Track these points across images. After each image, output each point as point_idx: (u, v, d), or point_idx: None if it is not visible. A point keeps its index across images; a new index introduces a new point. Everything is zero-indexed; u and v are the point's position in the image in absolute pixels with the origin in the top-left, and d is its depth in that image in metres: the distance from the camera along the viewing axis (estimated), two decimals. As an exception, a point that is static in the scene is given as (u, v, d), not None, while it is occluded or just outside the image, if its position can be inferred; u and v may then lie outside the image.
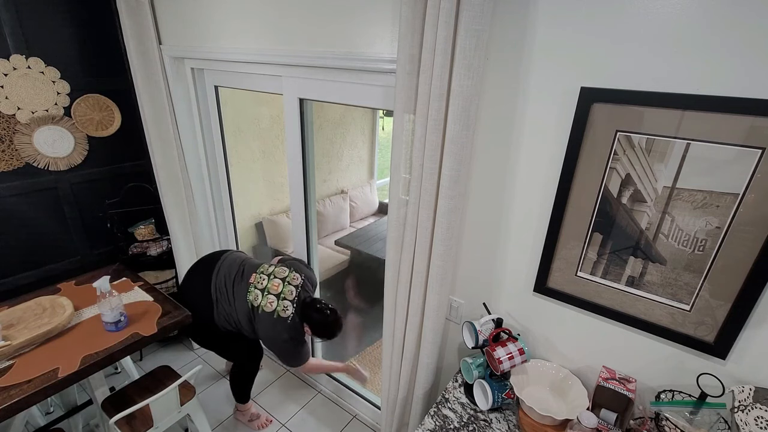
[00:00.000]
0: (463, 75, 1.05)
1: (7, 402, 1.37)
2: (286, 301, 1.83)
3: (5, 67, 1.92)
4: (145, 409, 1.58)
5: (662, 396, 1.11)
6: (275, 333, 1.81)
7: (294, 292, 1.86)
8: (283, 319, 1.81)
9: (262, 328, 1.83)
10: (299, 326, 1.86)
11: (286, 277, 1.89)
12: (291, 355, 1.90)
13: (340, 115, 3.83)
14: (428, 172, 1.20)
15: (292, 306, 1.83)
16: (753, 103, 0.83)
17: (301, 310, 1.86)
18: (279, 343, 1.84)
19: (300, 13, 1.50)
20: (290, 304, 1.83)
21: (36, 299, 1.80)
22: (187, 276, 2.03)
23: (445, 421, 1.24)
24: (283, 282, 1.87)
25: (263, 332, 1.83)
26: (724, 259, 0.96)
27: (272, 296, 1.83)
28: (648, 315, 1.10)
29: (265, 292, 1.84)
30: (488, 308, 1.39)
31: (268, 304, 1.82)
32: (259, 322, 1.83)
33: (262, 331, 1.83)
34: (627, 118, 0.98)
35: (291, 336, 1.83)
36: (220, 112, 2.29)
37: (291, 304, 1.83)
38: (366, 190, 4.28)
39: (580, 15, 0.97)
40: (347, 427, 2.24)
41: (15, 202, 2.11)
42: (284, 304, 1.82)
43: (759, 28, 0.80)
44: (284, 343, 1.84)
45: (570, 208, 1.13)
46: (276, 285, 1.85)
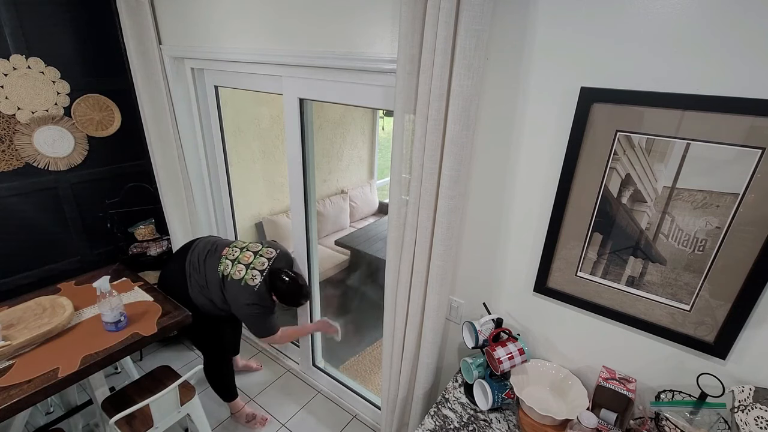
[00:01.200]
0: (463, 75, 1.05)
1: (7, 402, 1.37)
2: (254, 271, 1.85)
3: (5, 67, 1.93)
4: (145, 409, 1.58)
5: (662, 396, 1.11)
6: (242, 296, 1.83)
7: (266, 263, 1.88)
8: (250, 287, 1.83)
9: (230, 296, 1.85)
10: (266, 295, 1.87)
11: (259, 250, 1.92)
12: (260, 324, 1.90)
13: (340, 115, 3.83)
14: (428, 172, 1.20)
15: (260, 275, 1.85)
16: (753, 103, 0.83)
17: (269, 280, 1.88)
18: (246, 309, 1.85)
19: (300, 13, 1.50)
20: (259, 274, 1.85)
21: (36, 299, 1.80)
22: (165, 263, 2.08)
23: (445, 421, 1.24)
24: (255, 255, 1.90)
25: (231, 297, 1.85)
26: (724, 259, 0.96)
27: (241, 265, 1.86)
28: (648, 315, 1.10)
29: (235, 262, 1.87)
30: (488, 308, 1.39)
31: (236, 272, 1.84)
32: (227, 290, 1.85)
33: (230, 296, 1.85)
34: (627, 118, 0.98)
35: (258, 303, 1.84)
36: (220, 112, 2.29)
37: (260, 274, 1.85)
38: (366, 190, 4.28)
39: (580, 15, 0.97)
40: (347, 427, 2.24)
41: (15, 202, 2.11)
42: (253, 273, 1.85)
43: (759, 28, 0.80)
44: (250, 308, 1.85)
45: (570, 208, 1.13)
46: (247, 256, 1.89)
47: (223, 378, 2.16)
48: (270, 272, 1.88)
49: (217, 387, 2.17)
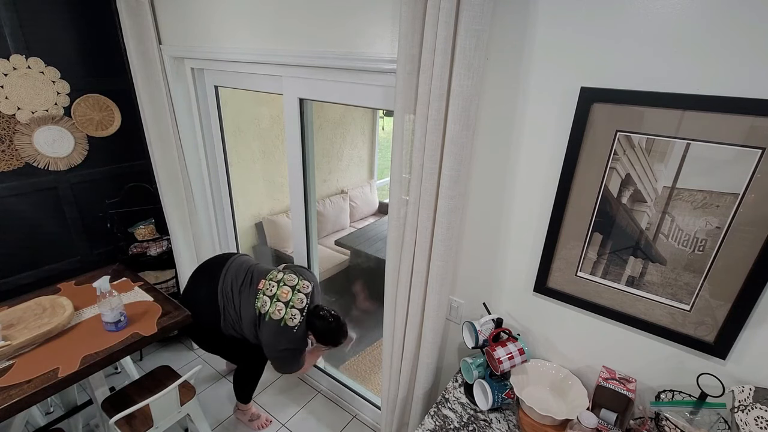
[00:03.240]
0: (463, 75, 1.05)
1: (7, 402, 1.37)
2: (294, 310, 1.79)
3: (5, 67, 1.92)
4: (145, 409, 1.58)
5: (662, 396, 1.11)
6: (278, 341, 1.79)
7: (304, 300, 1.83)
8: (290, 328, 1.78)
9: (266, 334, 1.79)
10: (303, 336, 1.84)
11: (296, 285, 1.85)
12: (289, 363, 1.86)
13: (340, 115, 3.83)
14: (428, 172, 1.20)
15: (300, 315, 1.80)
16: (753, 103, 0.83)
17: (308, 319, 1.84)
18: (280, 351, 1.81)
19: (300, 13, 1.50)
20: (299, 313, 1.79)
21: (36, 299, 1.80)
22: (191, 281, 1.98)
23: (445, 421, 1.24)
24: (292, 290, 1.83)
25: (266, 339, 1.80)
26: (724, 259, 0.96)
27: (281, 303, 1.79)
28: (648, 315, 1.10)
29: (274, 299, 1.80)
30: (488, 308, 1.39)
31: (276, 312, 1.78)
32: (264, 328, 1.80)
33: (265, 337, 1.80)
34: (627, 118, 0.98)
35: (295, 345, 1.81)
36: (220, 112, 2.29)
37: (300, 313, 1.79)
38: (366, 190, 4.28)
39: (580, 15, 0.97)
40: (347, 427, 2.24)
41: (15, 202, 2.11)
42: (292, 312, 1.79)
43: (759, 28, 0.80)
44: (285, 351, 1.81)
45: (570, 208, 1.13)
46: (285, 292, 1.82)
47: (252, 385, 2.16)
48: (309, 312, 1.84)
49: (240, 390, 2.16)
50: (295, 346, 1.82)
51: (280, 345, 1.79)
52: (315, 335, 1.86)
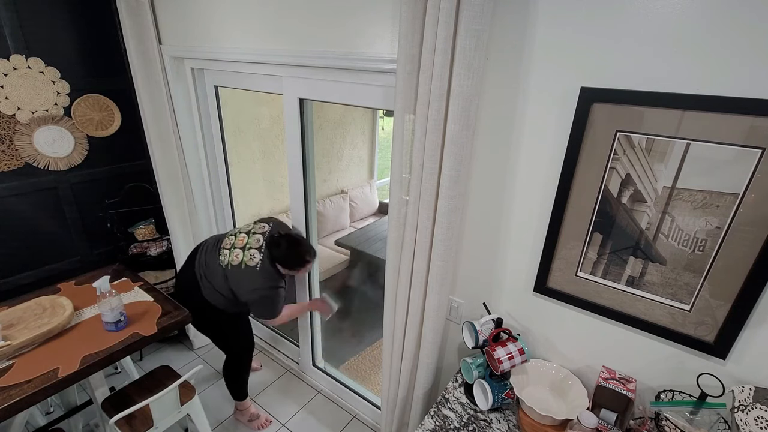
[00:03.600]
0: (463, 75, 1.05)
1: (7, 402, 1.37)
2: (252, 250, 1.79)
3: (5, 67, 1.92)
4: (145, 409, 1.58)
5: (662, 396, 1.11)
6: (244, 284, 1.77)
7: (260, 240, 1.82)
8: (251, 268, 1.76)
9: (233, 282, 1.79)
10: (270, 270, 1.79)
11: (251, 229, 1.87)
12: (267, 306, 1.83)
13: (340, 115, 3.83)
14: (428, 172, 1.20)
15: (259, 253, 1.78)
16: (753, 103, 0.83)
17: (269, 254, 1.81)
18: (252, 295, 1.78)
19: (300, 13, 1.50)
20: (257, 252, 1.78)
21: (36, 299, 1.80)
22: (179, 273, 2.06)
23: (445, 421, 1.24)
24: (248, 234, 1.85)
25: (235, 286, 1.79)
26: (724, 259, 0.96)
27: (238, 250, 1.80)
28: (648, 315, 1.10)
29: (232, 249, 1.82)
30: (488, 308, 1.39)
31: (235, 258, 1.79)
32: (230, 279, 1.80)
33: (234, 285, 1.79)
34: (627, 118, 0.98)
35: (262, 286, 1.77)
36: (220, 112, 2.29)
37: (258, 252, 1.78)
38: (366, 190, 4.28)
39: (580, 15, 0.97)
40: (347, 427, 2.24)
41: (15, 202, 2.11)
42: (250, 253, 1.78)
43: (759, 28, 0.80)
44: (256, 293, 1.77)
45: (570, 208, 1.13)
46: (241, 239, 1.84)
47: (241, 377, 2.15)
48: (267, 245, 1.81)
49: (232, 385, 2.16)
50: (265, 283, 1.78)
51: (247, 287, 1.77)
52: (281, 264, 1.81)
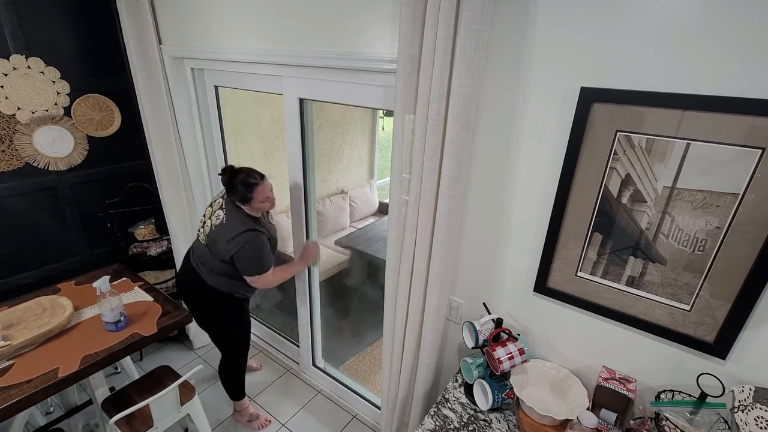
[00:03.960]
0: (463, 75, 1.05)
1: (7, 402, 1.37)
2: (216, 212, 1.79)
3: (5, 67, 1.92)
4: (145, 409, 1.58)
5: (662, 396, 1.11)
6: (221, 241, 1.73)
7: (221, 201, 1.81)
8: (219, 225, 1.75)
9: (214, 248, 1.76)
10: (237, 216, 1.75)
11: (212, 202, 1.87)
12: (249, 255, 1.74)
13: (340, 115, 3.83)
14: (428, 172, 1.20)
15: (222, 211, 1.77)
16: (753, 103, 0.83)
17: (230, 206, 1.77)
18: (228, 245, 1.71)
19: (300, 13, 1.50)
20: (220, 211, 1.78)
21: (36, 299, 1.80)
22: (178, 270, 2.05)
23: (445, 421, 1.24)
24: (211, 207, 1.85)
25: (217, 250, 1.75)
26: (724, 259, 0.96)
27: (206, 221, 1.82)
28: (648, 315, 1.10)
29: (203, 225, 1.84)
30: (488, 308, 1.39)
31: (206, 229, 1.80)
32: (212, 247, 1.78)
33: (216, 250, 1.76)
34: (627, 118, 0.98)
35: (236, 235, 1.71)
36: (220, 112, 2.29)
37: (221, 210, 1.78)
38: (366, 190, 4.28)
39: (580, 15, 0.97)
40: (347, 427, 2.24)
41: (15, 202, 2.11)
42: (216, 215, 1.78)
43: (759, 28, 0.80)
44: (232, 243, 1.71)
45: (570, 208, 1.13)
46: (207, 213, 1.85)
47: (237, 376, 2.15)
48: (226, 202, 1.79)
49: (229, 385, 2.16)
50: (236, 231, 1.71)
51: (223, 242, 1.72)
52: (241, 203, 1.76)
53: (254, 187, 1.73)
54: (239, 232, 1.72)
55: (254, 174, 1.76)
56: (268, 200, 1.79)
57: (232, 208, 1.78)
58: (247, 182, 1.72)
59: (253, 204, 1.76)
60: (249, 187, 1.72)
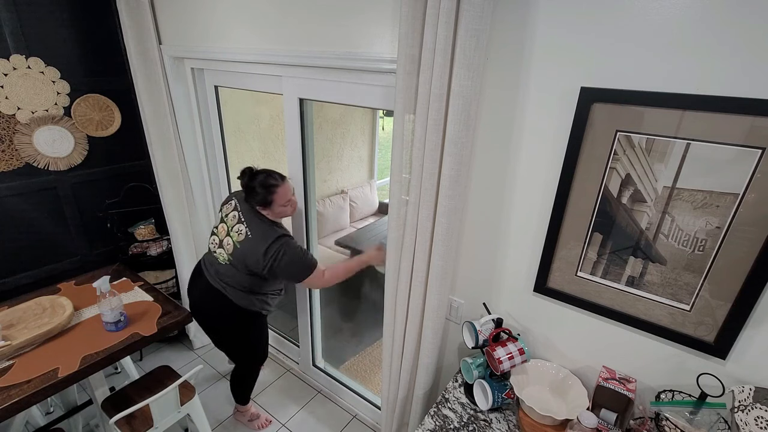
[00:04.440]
0: (463, 75, 1.05)
1: (7, 402, 1.37)
2: (236, 227, 1.68)
3: (5, 67, 1.92)
4: (145, 409, 1.58)
5: (662, 396, 1.11)
6: (254, 254, 1.62)
7: (235, 214, 1.72)
8: (245, 240, 1.64)
9: (243, 266, 1.66)
10: (261, 225, 1.66)
11: (221, 217, 1.77)
12: (290, 262, 1.63)
13: (340, 115, 3.83)
14: (428, 172, 1.20)
15: (242, 225, 1.67)
16: (753, 103, 0.83)
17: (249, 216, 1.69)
18: (264, 258, 1.61)
19: (300, 13, 1.50)
20: (240, 225, 1.67)
21: (36, 299, 1.80)
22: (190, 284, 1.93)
23: (445, 421, 1.24)
24: (224, 222, 1.74)
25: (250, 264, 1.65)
26: (724, 259, 0.96)
27: (225, 238, 1.70)
28: (648, 315, 1.10)
29: (221, 245, 1.73)
30: (488, 308, 1.39)
31: (228, 247, 1.69)
32: (240, 265, 1.67)
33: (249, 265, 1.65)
34: (627, 118, 0.98)
35: (266, 241, 1.61)
36: (220, 112, 2.29)
37: (241, 224, 1.68)
38: (366, 190, 4.28)
39: (580, 15, 0.97)
40: (347, 427, 2.24)
41: (15, 202, 2.11)
42: (236, 230, 1.66)
43: (759, 28, 0.80)
44: (268, 256, 1.61)
45: (570, 208, 1.13)
46: (222, 229, 1.73)
47: (249, 385, 2.13)
48: (242, 208, 1.70)
49: (237, 391, 2.14)
50: (267, 242, 1.61)
51: (257, 256, 1.62)
52: (261, 207, 1.68)
53: (275, 189, 1.65)
54: (270, 242, 1.62)
55: (274, 175, 1.69)
56: (290, 204, 1.71)
57: (253, 217, 1.69)
58: (267, 183, 1.64)
59: (275, 208, 1.67)
60: (269, 189, 1.64)
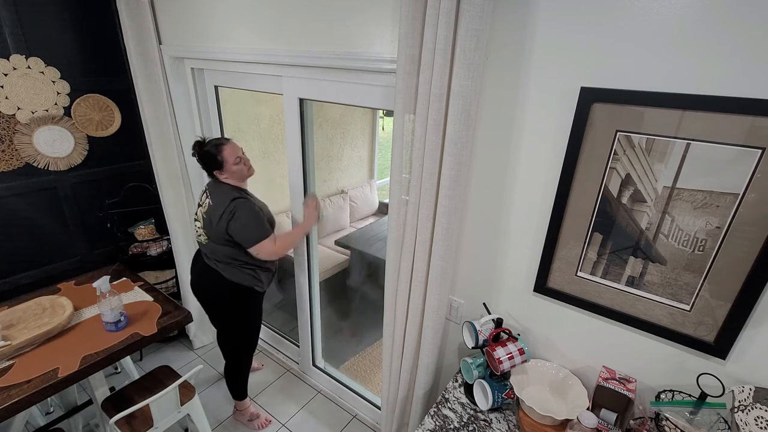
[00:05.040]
0: (463, 75, 1.05)
1: (7, 402, 1.37)
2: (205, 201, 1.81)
3: (5, 67, 1.92)
4: (145, 409, 1.58)
5: (662, 396, 1.11)
6: (215, 218, 1.74)
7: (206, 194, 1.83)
8: (208, 211, 1.77)
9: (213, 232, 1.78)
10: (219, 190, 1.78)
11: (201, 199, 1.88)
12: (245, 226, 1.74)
13: (340, 115, 3.83)
14: (428, 172, 1.20)
15: (208, 198, 1.80)
16: (753, 103, 0.83)
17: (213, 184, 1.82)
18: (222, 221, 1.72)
19: (300, 12, 1.50)
20: (207, 199, 1.80)
21: (36, 299, 1.80)
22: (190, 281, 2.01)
23: (445, 421, 1.24)
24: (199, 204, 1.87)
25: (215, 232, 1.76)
26: (724, 259, 0.96)
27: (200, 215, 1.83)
28: (648, 315, 1.10)
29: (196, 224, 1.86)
30: (488, 308, 1.39)
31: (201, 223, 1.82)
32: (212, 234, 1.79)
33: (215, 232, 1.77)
34: (627, 118, 0.98)
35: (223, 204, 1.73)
36: (220, 112, 2.29)
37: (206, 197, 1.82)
38: (366, 190, 4.28)
39: (580, 15, 0.97)
40: (347, 427, 2.24)
41: (15, 202, 2.11)
42: (205, 204, 1.80)
43: (759, 28, 0.80)
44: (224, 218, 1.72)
45: (570, 208, 1.13)
46: (198, 213, 1.86)
47: (242, 376, 2.14)
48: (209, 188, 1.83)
49: (232, 385, 2.16)
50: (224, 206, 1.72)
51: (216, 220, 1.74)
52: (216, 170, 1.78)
53: (221, 147, 1.76)
54: (226, 203, 1.73)
55: (219, 138, 1.81)
56: (242, 161, 1.80)
57: (215, 188, 1.80)
58: (214, 144, 1.76)
59: (228, 167, 1.76)
60: (216, 147, 1.75)
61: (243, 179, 1.86)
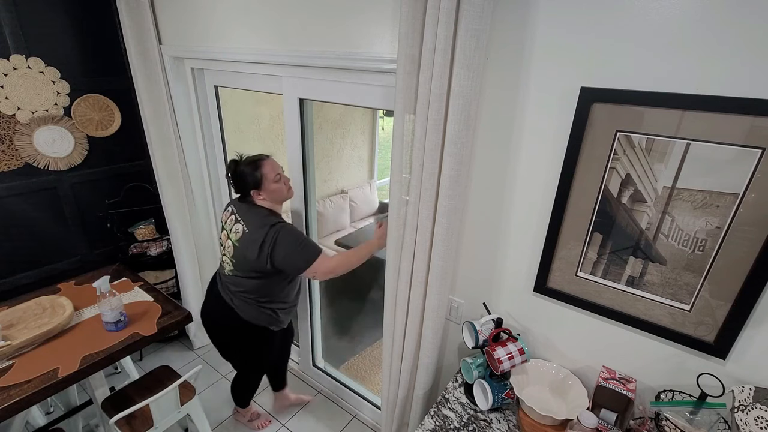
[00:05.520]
0: (463, 75, 1.05)
1: (7, 402, 1.37)
2: (234, 227, 1.64)
3: (5, 67, 1.92)
4: (145, 409, 1.58)
5: (662, 396, 1.11)
6: (251, 248, 1.56)
7: (233, 218, 1.67)
8: (243, 235, 1.59)
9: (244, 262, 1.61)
10: (255, 215, 1.62)
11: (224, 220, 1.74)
12: (290, 249, 1.56)
13: (340, 115, 3.83)
14: (428, 172, 1.20)
15: (239, 224, 1.63)
16: (753, 103, 0.83)
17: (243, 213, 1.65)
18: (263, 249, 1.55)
19: (300, 12, 1.50)
20: (237, 224, 1.64)
21: (36, 299, 1.80)
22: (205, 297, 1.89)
23: (445, 421, 1.24)
24: (224, 228, 1.72)
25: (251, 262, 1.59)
26: (724, 259, 0.96)
27: (228, 242, 1.68)
28: (648, 315, 1.10)
29: (225, 251, 1.70)
30: (488, 308, 1.39)
31: (229, 251, 1.66)
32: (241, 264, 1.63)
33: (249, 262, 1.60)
34: (627, 118, 0.98)
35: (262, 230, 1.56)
36: (220, 112, 2.29)
37: (238, 223, 1.64)
38: (366, 190, 4.28)
39: (580, 15, 0.97)
40: (347, 427, 2.24)
41: (15, 202, 2.11)
42: (234, 230, 1.63)
43: (759, 28, 0.80)
44: (265, 246, 1.55)
45: (570, 208, 1.13)
46: (223, 236, 1.72)
47: (251, 389, 2.12)
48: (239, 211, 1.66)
49: (238, 395, 2.13)
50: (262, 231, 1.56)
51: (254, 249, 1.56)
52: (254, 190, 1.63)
53: (260, 162, 1.60)
54: (267, 230, 1.55)
55: (257, 155, 1.66)
56: (281, 179, 1.64)
57: (249, 211, 1.64)
58: (252, 160, 1.60)
59: (266, 185, 1.60)
60: (255, 164, 1.59)
61: (281, 201, 1.70)
